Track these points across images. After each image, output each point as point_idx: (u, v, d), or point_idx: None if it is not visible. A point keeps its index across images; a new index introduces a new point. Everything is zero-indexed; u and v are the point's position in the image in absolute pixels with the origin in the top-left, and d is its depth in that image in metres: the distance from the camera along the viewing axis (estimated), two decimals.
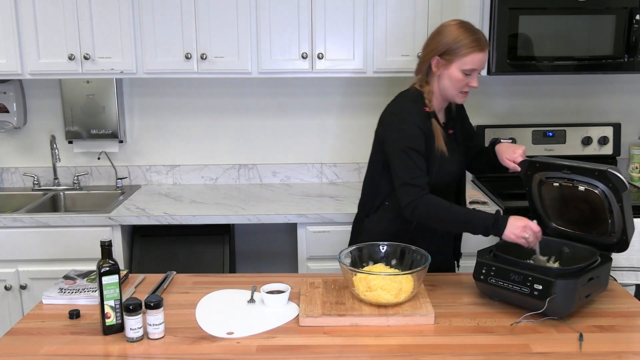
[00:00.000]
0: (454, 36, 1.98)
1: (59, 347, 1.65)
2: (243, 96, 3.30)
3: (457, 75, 1.99)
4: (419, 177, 1.96)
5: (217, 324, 1.76)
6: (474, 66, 1.98)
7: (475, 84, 2.02)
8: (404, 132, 2.01)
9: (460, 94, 2.05)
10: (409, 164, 1.97)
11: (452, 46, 1.97)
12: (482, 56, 1.98)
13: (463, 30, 1.98)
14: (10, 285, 2.79)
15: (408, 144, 1.99)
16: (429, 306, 1.80)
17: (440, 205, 1.93)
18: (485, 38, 2.01)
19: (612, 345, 1.63)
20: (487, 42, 2.01)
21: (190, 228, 2.84)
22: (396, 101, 2.14)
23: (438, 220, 1.96)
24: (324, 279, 2.01)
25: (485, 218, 1.89)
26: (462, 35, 1.97)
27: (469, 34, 1.98)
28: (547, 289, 1.70)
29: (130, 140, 3.34)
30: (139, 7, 2.85)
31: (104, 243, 1.70)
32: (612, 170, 1.78)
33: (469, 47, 1.96)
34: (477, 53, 1.97)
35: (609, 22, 2.82)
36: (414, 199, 1.93)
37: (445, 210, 1.92)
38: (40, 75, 2.93)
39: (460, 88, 2.02)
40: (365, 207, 2.26)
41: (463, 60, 1.97)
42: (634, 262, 2.59)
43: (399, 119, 2.05)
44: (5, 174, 3.35)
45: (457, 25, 2.01)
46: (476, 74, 2.01)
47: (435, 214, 1.93)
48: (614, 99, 3.33)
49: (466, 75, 1.99)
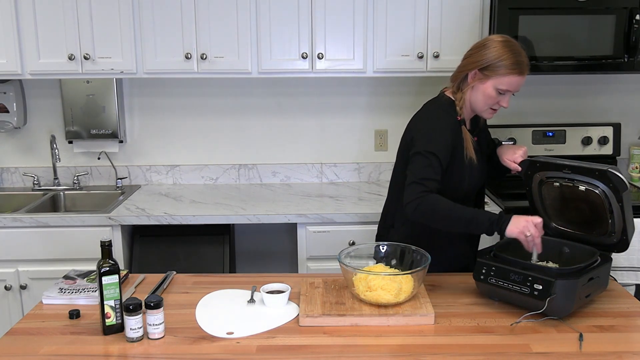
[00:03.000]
0: (498, 54, 1.96)
1: (59, 347, 1.65)
2: (243, 96, 3.31)
3: (491, 92, 1.99)
4: (429, 179, 1.94)
5: (217, 324, 1.76)
6: (509, 87, 1.97)
7: (505, 105, 2.01)
8: (432, 138, 2.01)
9: (489, 110, 2.05)
10: (424, 166, 1.96)
11: (493, 63, 1.96)
12: (520, 80, 1.98)
13: (508, 49, 1.96)
14: (10, 285, 2.79)
15: (431, 149, 1.97)
16: (429, 306, 1.80)
17: (444, 203, 1.92)
18: (528, 62, 1.99)
19: (612, 345, 1.63)
20: (528, 66, 1.99)
21: (190, 228, 2.84)
22: (428, 108, 2.13)
23: (441, 218, 1.93)
24: (324, 279, 2.01)
25: (490, 215, 1.89)
26: (506, 54, 1.96)
27: (513, 55, 1.96)
28: (547, 289, 1.70)
29: (130, 140, 3.34)
30: (139, 7, 2.85)
31: (104, 243, 1.70)
32: (612, 170, 1.78)
33: (510, 69, 1.95)
34: (515, 76, 1.96)
35: (609, 22, 2.82)
36: (419, 196, 1.92)
37: (449, 208, 1.91)
38: (40, 75, 2.93)
39: (491, 105, 2.02)
40: (389, 216, 2.24)
41: (501, 80, 1.96)
42: (634, 262, 2.59)
43: (430, 126, 2.05)
44: (5, 174, 3.35)
45: (503, 42, 1.99)
46: (509, 94, 2.01)
47: (438, 212, 1.92)
48: (614, 99, 3.33)
49: (499, 94, 1.99)
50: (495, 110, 2.05)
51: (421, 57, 2.90)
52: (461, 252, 2.18)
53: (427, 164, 1.96)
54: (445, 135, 2.01)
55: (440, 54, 2.90)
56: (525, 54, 1.99)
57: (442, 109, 2.08)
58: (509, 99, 2.02)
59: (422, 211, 1.92)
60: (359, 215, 2.75)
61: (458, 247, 2.17)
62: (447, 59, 2.89)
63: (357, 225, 2.77)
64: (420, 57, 2.90)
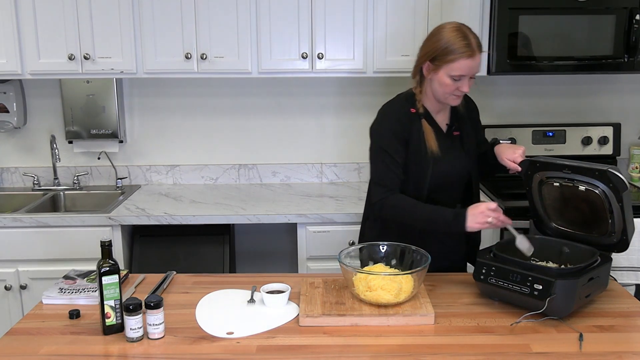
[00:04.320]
0: (444, 41, 1.95)
1: (59, 347, 1.65)
2: (243, 96, 3.31)
3: (446, 80, 1.98)
4: (387, 178, 2.03)
5: (217, 324, 1.76)
6: (462, 72, 1.95)
7: (465, 89, 1.99)
8: (379, 133, 2.08)
9: (452, 97, 2.03)
10: (379, 165, 2.05)
11: (441, 52, 1.96)
12: (472, 62, 1.94)
13: (454, 35, 1.95)
14: (10, 285, 2.79)
15: (381, 145, 2.05)
16: (429, 306, 1.80)
17: (405, 205, 1.99)
18: (478, 43, 1.96)
19: (612, 345, 1.63)
20: (479, 48, 1.96)
21: (190, 228, 2.84)
22: (386, 103, 2.16)
23: (406, 218, 2.01)
24: (324, 279, 2.02)
25: (445, 214, 1.92)
26: (452, 40, 1.94)
27: (458, 40, 1.94)
28: (547, 289, 1.70)
29: (130, 140, 3.34)
30: (139, 7, 2.85)
31: (104, 243, 1.70)
32: (612, 170, 1.78)
33: (457, 54, 1.93)
34: (465, 59, 1.94)
35: (609, 22, 2.82)
36: (381, 198, 2.02)
37: (410, 209, 1.99)
38: (40, 75, 2.93)
39: (451, 92, 2.01)
40: (366, 209, 2.27)
41: (451, 67, 1.95)
42: (634, 262, 2.59)
43: (378, 121, 2.10)
44: (5, 174, 3.35)
45: (450, 29, 1.97)
46: (466, 79, 1.98)
47: (401, 213, 2.01)
48: (614, 99, 3.33)
49: (455, 81, 1.98)
50: (459, 96, 2.03)
51: None
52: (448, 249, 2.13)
53: (381, 162, 2.04)
54: (393, 129, 2.04)
55: None
56: (474, 35, 1.97)
57: (397, 102, 2.11)
58: (469, 82, 1.99)
59: (386, 213, 2.03)
60: (359, 215, 2.74)
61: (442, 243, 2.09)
62: None
63: (357, 225, 2.75)
64: None
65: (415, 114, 2.07)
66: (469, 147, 2.16)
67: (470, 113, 2.22)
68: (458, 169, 2.13)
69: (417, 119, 2.07)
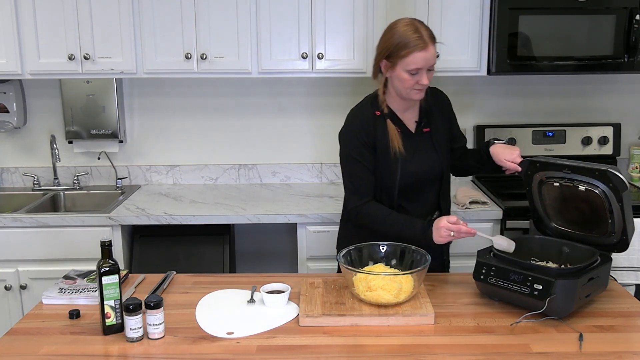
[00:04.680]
0: (396, 37, 1.96)
1: (59, 347, 1.65)
2: (243, 96, 3.31)
3: (404, 76, 1.98)
4: (359, 185, 2.07)
5: (217, 324, 1.76)
6: (417, 66, 1.95)
7: (424, 82, 1.98)
8: (346, 140, 2.11)
9: (414, 92, 2.02)
10: (349, 172, 2.09)
11: (394, 48, 1.96)
12: (425, 54, 1.94)
13: (405, 29, 1.96)
14: (10, 285, 2.79)
15: (350, 152, 2.08)
16: (429, 306, 1.80)
17: (377, 216, 2.03)
18: (430, 35, 1.97)
19: (612, 345, 1.63)
20: (431, 39, 1.96)
21: (190, 228, 2.83)
22: (354, 107, 2.17)
23: (378, 229, 2.04)
24: (324, 279, 2.01)
25: (415, 229, 1.95)
26: (403, 35, 1.95)
27: (411, 33, 1.94)
28: (547, 289, 1.70)
29: (130, 140, 3.34)
30: (139, 7, 2.85)
31: (104, 243, 1.70)
32: (612, 170, 1.78)
33: (410, 48, 1.93)
34: (418, 52, 1.93)
35: (609, 22, 2.82)
36: (356, 206, 2.07)
37: (383, 220, 2.02)
38: (40, 75, 2.93)
39: (411, 87, 2.01)
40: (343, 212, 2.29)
41: (406, 61, 1.95)
42: (634, 262, 2.59)
43: (345, 128, 2.14)
44: (5, 174, 3.35)
45: (401, 25, 1.98)
46: (424, 72, 1.97)
47: (374, 224, 2.05)
48: (614, 99, 3.33)
49: (413, 75, 1.98)
50: (421, 90, 2.02)
51: None
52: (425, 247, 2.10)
53: (351, 169, 2.08)
54: (358, 135, 2.06)
55: (440, 54, 2.88)
56: (426, 28, 1.97)
57: (361, 106, 2.14)
58: (429, 75, 1.99)
59: (362, 220, 2.08)
60: None
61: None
62: (447, 58, 2.89)
63: None
64: None
65: (380, 116, 2.08)
66: (440, 143, 2.15)
67: (441, 106, 2.20)
68: (428, 166, 2.12)
69: (382, 121, 2.08)
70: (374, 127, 2.06)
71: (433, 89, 2.19)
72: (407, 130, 2.11)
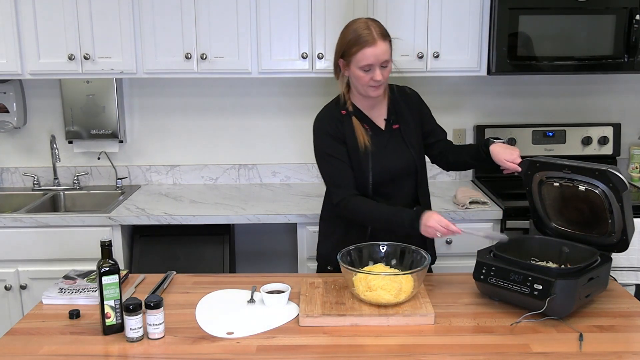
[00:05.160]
0: (348, 36, 2.00)
1: (59, 347, 1.65)
2: (243, 96, 3.31)
3: (359, 73, 2.01)
4: (341, 179, 2.09)
5: (217, 324, 1.76)
6: (368, 62, 1.97)
7: (379, 77, 2.00)
8: (318, 139, 2.14)
9: (370, 89, 2.05)
10: (328, 170, 2.12)
11: (346, 47, 2.00)
12: (375, 50, 1.96)
13: (356, 28, 1.99)
14: (10, 285, 2.79)
15: (324, 150, 2.12)
16: (429, 306, 1.80)
17: (364, 208, 2.05)
18: (381, 32, 1.99)
19: (612, 345, 1.63)
20: (381, 36, 1.98)
21: (190, 228, 2.83)
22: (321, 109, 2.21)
23: (365, 219, 2.08)
24: (324, 279, 2.02)
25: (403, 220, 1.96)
26: (353, 33, 1.99)
27: (361, 30, 1.98)
28: (547, 289, 1.70)
29: (130, 140, 3.34)
30: (139, 7, 2.85)
31: (104, 243, 1.70)
32: (612, 170, 1.78)
33: (357, 45, 1.97)
34: (367, 49, 1.96)
35: (609, 22, 2.82)
36: (342, 199, 2.08)
37: (370, 212, 2.04)
38: (40, 75, 2.93)
39: (367, 84, 2.03)
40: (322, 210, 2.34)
41: (357, 59, 1.98)
42: (634, 262, 2.59)
43: (314, 128, 2.17)
44: (5, 174, 3.35)
45: (353, 24, 2.02)
46: (377, 68, 1.99)
47: (361, 216, 2.07)
48: (614, 99, 3.33)
49: (366, 72, 2.00)
50: (377, 87, 2.04)
51: (421, 57, 2.90)
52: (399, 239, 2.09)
53: (329, 166, 2.11)
54: (329, 132, 2.10)
55: (440, 53, 2.90)
56: (378, 25, 2.00)
57: (327, 107, 2.18)
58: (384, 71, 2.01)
59: (348, 214, 2.09)
60: None
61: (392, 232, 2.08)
62: (447, 58, 2.89)
63: None
64: (420, 57, 2.90)
65: (346, 115, 2.12)
66: (411, 139, 2.16)
67: (409, 103, 2.21)
68: (401, 162, 2.14)
69: (348, 119, 2.11)
70: (342, 125, 2.11)
71: (400, 87, 2.23)
72: (376, 127, 2.14)
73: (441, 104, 3.29)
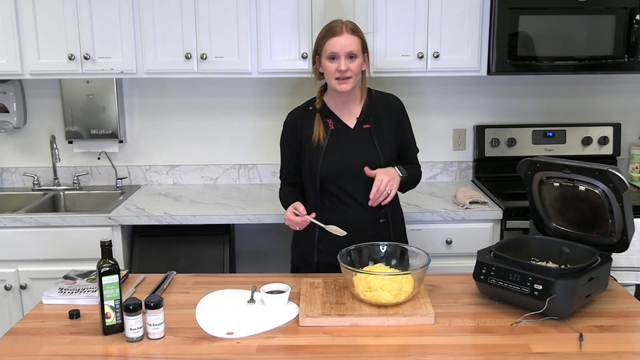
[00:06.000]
0: (320, 33, 2.16)
1: (59, 347, 1.65)
2: (243, 96, 3.30)
3: (327, 65, 2.12)
4: (282, 173, 2.33)
5: (217, 324, 1.76)
6: (333, 50, 2.09)
7: (342, 67, 2.09)
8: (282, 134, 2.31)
9: (337, 82, 2.13)
10: (281, 160, 2.33)
11: (317, 42, 2.16)
12: (338, 39, 2.09)
13: (328, 26, 2.14)
14: (10, 285, 2.79)
15: (281, 141, 2.31)
16: (429, 306, 1.80)
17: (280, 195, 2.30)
18: (348, 26, 2.12)
19: (612, 345, 1.63)
20: (348, 29, 2.11)
21: (190, 228, 2.83)
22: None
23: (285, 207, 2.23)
24: (324, 279, 2.02)
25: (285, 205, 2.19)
26: (324, 29, 2.14)
27: (330, 25, 2.13)
28: (547, 289, 1.70)
29: (130, 140, 3.34)
30: (139, 7, 2.85)
31: (104, 243, 1.70)
32: (612, 170, 1.78)
33: (324, 37, 2.12)
34: (332, 38, 2.09)
35: (609, 22, 2.82)
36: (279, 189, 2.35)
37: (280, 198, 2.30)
38: (40, 75, 2.93)
39: (333, 76, 2.12)
40: None
41: (325, 50, 2.12)
42: (634, 262, 2.59)
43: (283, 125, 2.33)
44: (5, 174, 3.35)
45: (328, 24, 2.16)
46: (342, 58, 2.09)
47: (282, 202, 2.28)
48: (614, 99, 3.33)
49: (332, 61, 2.11)
50: (344, 80, 2.11)
51: (421, 57, 2.90)
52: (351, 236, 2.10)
53: (281, 156, 2.31)
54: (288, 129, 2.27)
55: (440, 53, 2.90)
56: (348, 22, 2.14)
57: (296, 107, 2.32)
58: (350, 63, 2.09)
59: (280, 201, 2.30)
60: None
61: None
62: (448, 58, 2.89)
63: None
64: (421, 57, 2.90)
65: (312, 111, 2.24)
66: (381, 140, 2.20)
67: (389, 108, 2.26)
68: (362, 160, 2.14)
69: (313, 115, 2.23)
70: (302, 120, 2.24)
71: (388, 95, 2.30)
72: (343, 124, 2.22)
73: (441, 104, 3.29)
